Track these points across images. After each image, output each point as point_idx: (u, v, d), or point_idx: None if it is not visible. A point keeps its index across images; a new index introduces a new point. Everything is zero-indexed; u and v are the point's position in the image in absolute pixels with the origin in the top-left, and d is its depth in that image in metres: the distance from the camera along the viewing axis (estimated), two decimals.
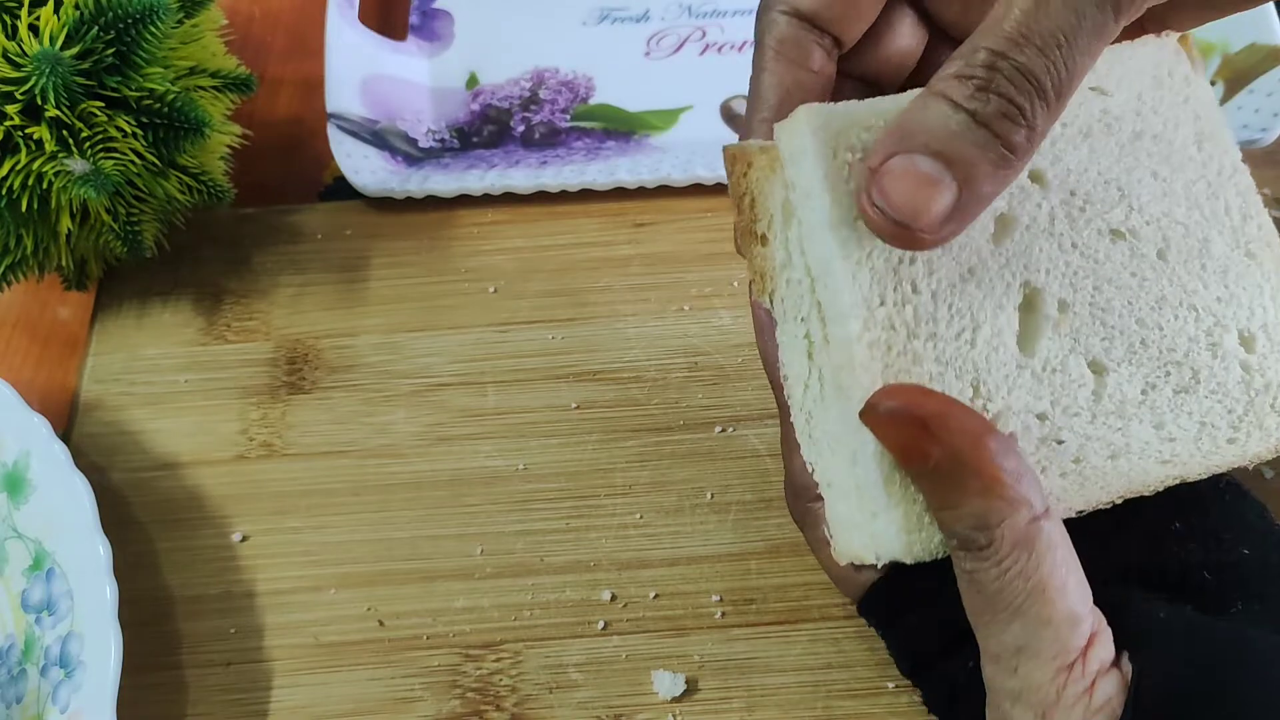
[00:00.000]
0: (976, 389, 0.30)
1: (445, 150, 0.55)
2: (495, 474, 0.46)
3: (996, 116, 0.26)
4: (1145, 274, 0.32)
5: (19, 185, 0.42)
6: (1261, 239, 0.34)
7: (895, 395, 0.28)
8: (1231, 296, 0.33)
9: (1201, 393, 0.32)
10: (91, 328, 0.51)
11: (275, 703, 0.41)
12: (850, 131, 0.29)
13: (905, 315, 0.30)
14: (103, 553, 0.40)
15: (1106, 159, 0.32)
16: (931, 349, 0.30)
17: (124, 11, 0.41)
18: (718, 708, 0.40)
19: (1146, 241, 0.32)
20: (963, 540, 0.28)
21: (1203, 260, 0.33)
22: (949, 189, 0.26)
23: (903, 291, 0.30)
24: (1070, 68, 0.26)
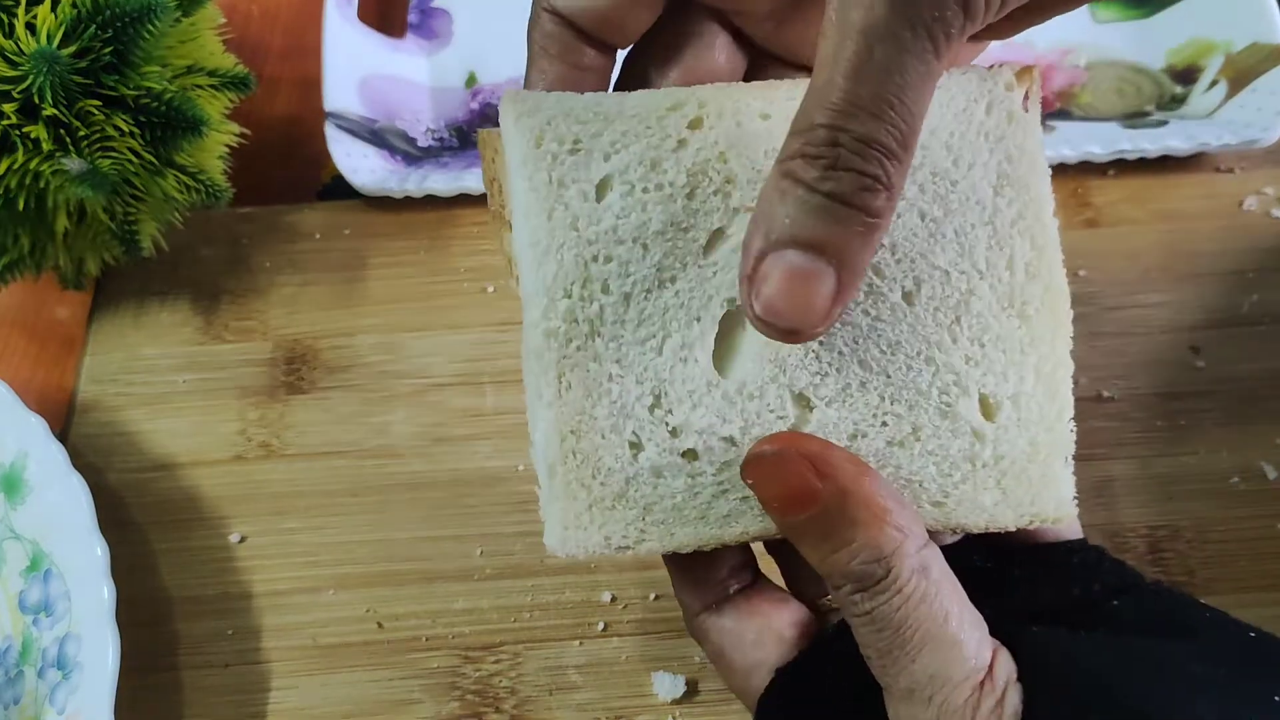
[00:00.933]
0: (658, 399, 0.30)
1: (444, 149, 0.55)
2: (494, 475, 0.46)
3: (854, 191, 0.26)
4: (882, 315, 0.30)
5: (16, 184, 0.42)
6: (1044, 300, 0.31)
7: (773, 441, 0.29)
8: (985, 358, 0.30)
9: (917, 450, 0.30)
10: (89, 327, 0.50)
11: (273, 704, 0.41)
12: (560, 122, 0.30)
13: (589, 311, 0.30)
14: (100, 554, 0.40)
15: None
16: (614, 349, 0.30)
17: (121, 10, 0.41)
18: (718, 709, 0.40)
19: (890, 281, 0.30)
20: (859, 578, 0.28)
21: (958, 313, 0.30)
22: (828, 276, 0.26)
23: (591, 289, 0.30)
24: (908, 120, 0.26)
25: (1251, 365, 0.47)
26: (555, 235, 0.30)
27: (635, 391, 0.30)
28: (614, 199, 0.30)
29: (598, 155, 0.30)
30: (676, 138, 0.30)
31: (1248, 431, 0.45)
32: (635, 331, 0.30)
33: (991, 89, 0.31)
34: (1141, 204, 0.51)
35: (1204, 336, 0.47)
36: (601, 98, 0.30)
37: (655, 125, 0.30)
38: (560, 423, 0.30)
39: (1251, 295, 0.48)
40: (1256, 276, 0.49)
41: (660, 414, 0.30)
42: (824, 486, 0.28)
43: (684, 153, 0.30)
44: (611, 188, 0.30)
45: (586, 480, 0.30)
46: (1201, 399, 0.46)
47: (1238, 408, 0.46)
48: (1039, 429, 0.30)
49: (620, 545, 0.30)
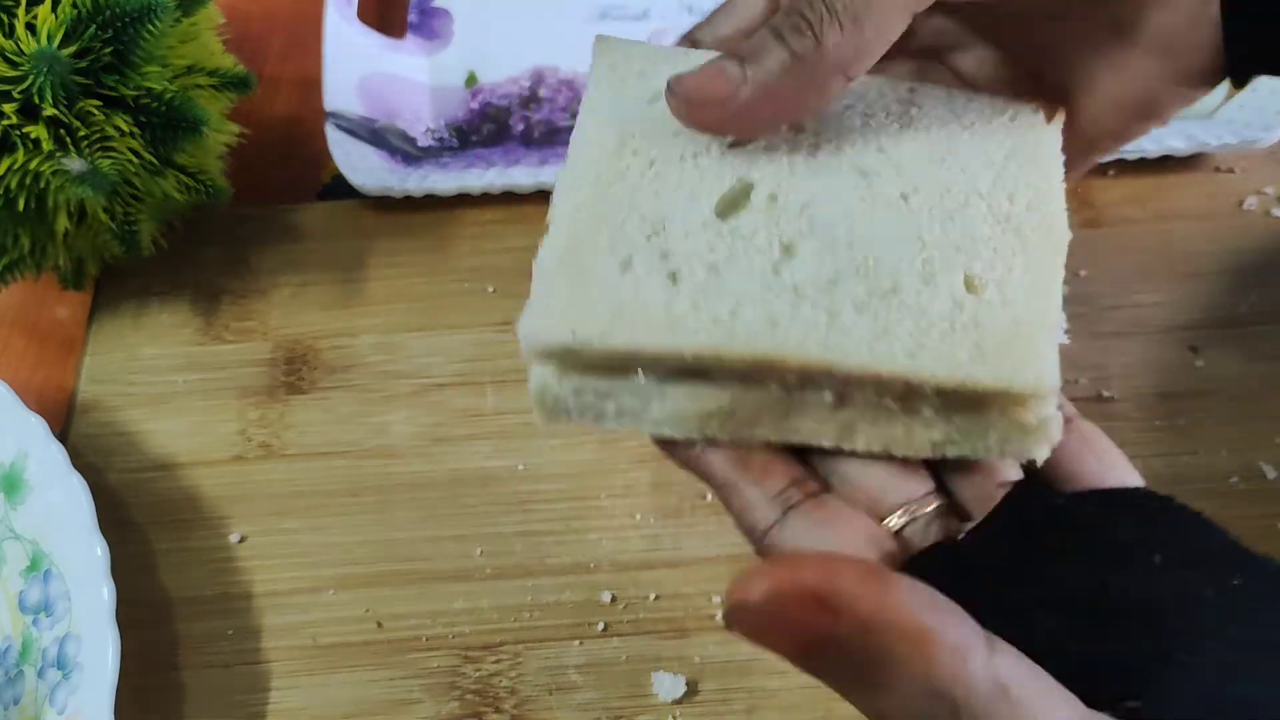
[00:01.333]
0: (656, 231, 0.33)
1: (444, 149, 0.55)
2: (494, 474, 0.46)
3: (789, 29, 0.31)
4: (876, 206, 0.33)
5: (16, 185, 0.42)
6: (1041, 224, 0.33)
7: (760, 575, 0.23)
8: (973, 248, 0.32)
9: (894, 303, 0.31)
10: (89, 327, 0.50)
11: (273, 705, 0.41)
12: (635, 57, 0.36)
13: (617, 165, 0.34)
14: (100, 554, 0.40)
15: (886, 133, 0.35)
16: (628, 195, 0.34)
17: (121, 10, 0.41)
18: (718, 710, 0.40)
19: (888, 183, 0.34)
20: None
21: (952, 215, 0.33)
22: (734, 78, 0.31)
23: (625, 150, 0.34)
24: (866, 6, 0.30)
25: (1251, 365, 0.47)
26: (612, 113, 0.35)
27: (638, 226, 0.33)
28: (661, 103, 0.34)
29: (658, 78, 0.34)
30: None
31: (1247, 431, 0.45)
32: (652, 184, 0.34)
33: (1019, 109, 0.36)
34: (1142, 204, 0.51)
35: (1203, 336, 0.47)
36: (674, 49, 0.37)
37: None
38: (566, 239, 0.33)
39: (1251, 295, 0.48)
40: (1256, 276, 0.49)
41: (656, 241, 0.33)
42: (840, 627, 0.21)
43: None
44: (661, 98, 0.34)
45: (572, 283, 0.32)
46: (1201, 398, 0.46)
47: (1237, 407, 0.46)
48: (1024, 309, 0.31)
49: (582, 336, 0.31)
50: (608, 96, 0.36)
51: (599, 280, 0.32)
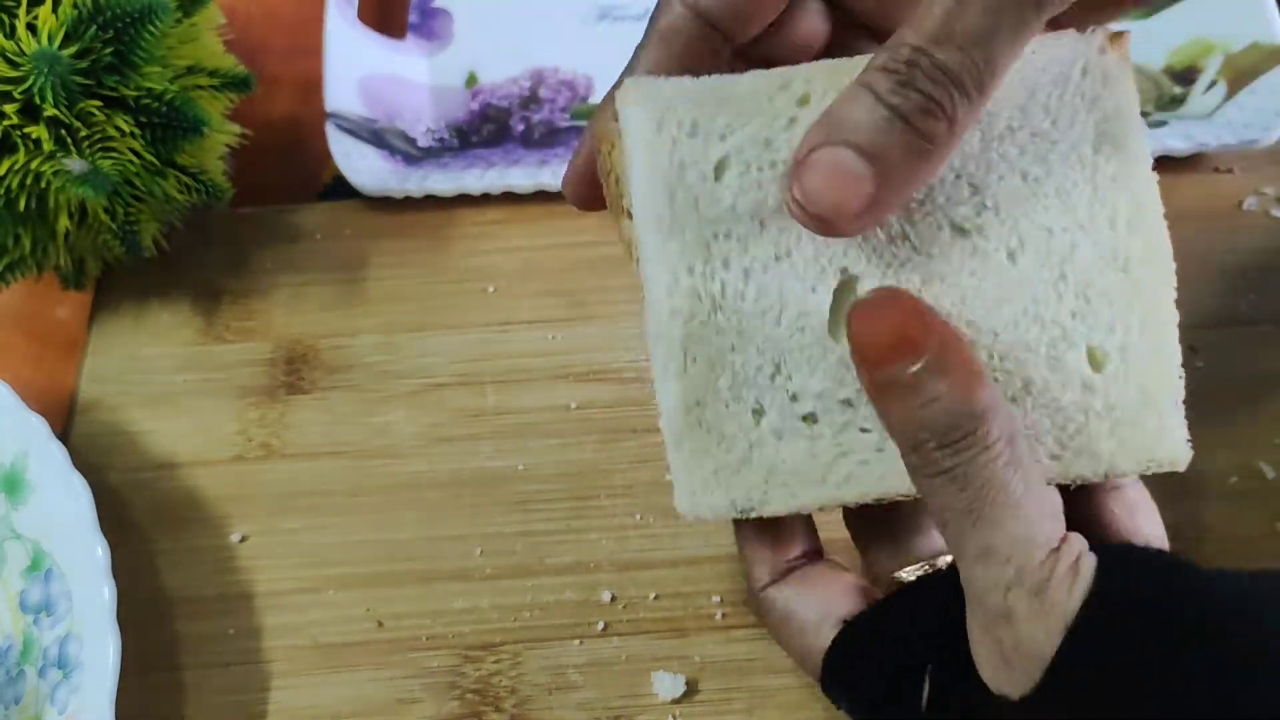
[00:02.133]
0: (778, 367, 0.31)
1: (444, 149, 0.55)
2: (495, 474, 0.46)
3: (916, 111, 0.27)
4: (987, 274, 0.31)
5: (17, 185, 0.42)
6: (1147, 257, 0.32)
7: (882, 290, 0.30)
8: (1090, 311, 0.31)
9: (1030, 405, 0.30)
10: (90, 327, 0.50)
11: (274, 704, 0.41)
12: (679, 106, 0.31)
13: (712, 288, 0.31)
14: (101, 553, 0.40)
15: (962, 154, 0.31)
16: (735, 322, 0.31)
17: (122, 10, 0.41)
18: (718, 709, 0.40)
19: (994, 240, 0.31)
20: (945, 430, 0.28)
21: (1063, 269, 0.31)
22: (867, 182, 0.27)
23: (713, 265, 0.31)
24: (989, 65, 0.27)
25: (1250, 365, 0.47)
26: (678, 215, 0.31)
27: (756, 361, 0.31)
28: (732, 178, 0.31)
29: (714, 137, 0.31)
30: (788, 116, 0.31)
31: (1246, 431, 0.45)
32: (755, 304, 0.31)
33: (1086, 52, 0.32)
34: None
35: (1203, 336, 0.47)
36: (715, 80, 0.31)
37: (767, 105, 0.31)
38: (686, 395, 0.31)
39: (1250, 295, 0.48)
40: (1256, 277, 0.49)
41: (780, 381, 0.31)
42: (931, 338, 0.28)
43: (795, 130, 0.31)
44: (729, 167, 0.31)
45: (711, 448, 0.31)
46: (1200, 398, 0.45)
47: (1236, 408, 0.46)
48: (1149, 377, 0.31)
49: (745, 507, 0.31)
50: (663, 178, 0.31)
51: (736, 439, 0.31)
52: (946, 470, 0.28)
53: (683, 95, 0.31)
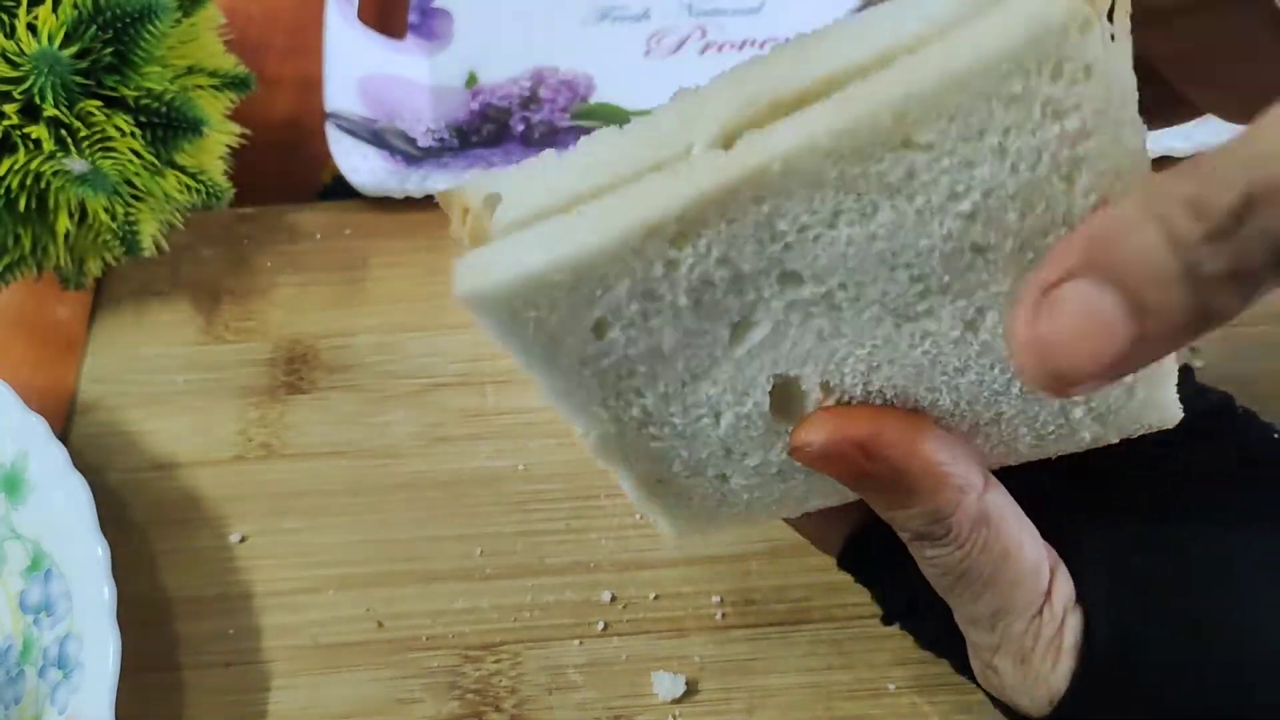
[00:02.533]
0: (730, 451, 0.29)
1: (444, 149, 0.55)
2: (495, 474, 0.46)
3: (1222, 281, 0.20)
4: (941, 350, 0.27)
5: (17, 185, 0.42)
6: None
7: (820, 427, 0.27)
8: None
9: (1003, 425, 0.29)
10: (89, 327, 0.50)
11: (274, 704, 0.41)
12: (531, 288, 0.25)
13: (632, 413, 0.28)
14: (101, 553, 0.40)
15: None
16: (670, 430, 0.29)
17: (122, 10, 0.41)
18: (718, 709, 0.40)
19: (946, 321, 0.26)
20: (919, 534, 0.29)
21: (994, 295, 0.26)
22: (1123, 338, 0.20)
23: (626, 398, 0.28)
24: None
25: (1250, 366, 0.47)
26: (569, 376, 0.27)
27: (705, 451, 0.29)
28: (616, 334, 0.26)
29: (581, 305, 0.26)
30: (663, 262, 0.25)
31: None
32: (685, 416, 0.28)
33: None
34: None
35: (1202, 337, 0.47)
36: (564, 242, 0.25)
37: (633, 259, 0.25)
38: (644, 481, 0.31)
39: None
40: None
41: (736, 457, 0.30)
42: (876, 468, 0.27)
43: (677, 274, 0.25)
44: (609, 326, 0.26)
45: (683, 508, 0.32)
46: None
47: None
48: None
49: (733, 525, 0.33)
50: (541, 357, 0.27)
51: (707, 497, 0.31)
52: (928, 559, 0.29)
53: (528, 273, 0.25)
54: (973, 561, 0.28)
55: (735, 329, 0.27)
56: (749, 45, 0.57)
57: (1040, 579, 0.29)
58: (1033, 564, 0.29)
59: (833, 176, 0.23)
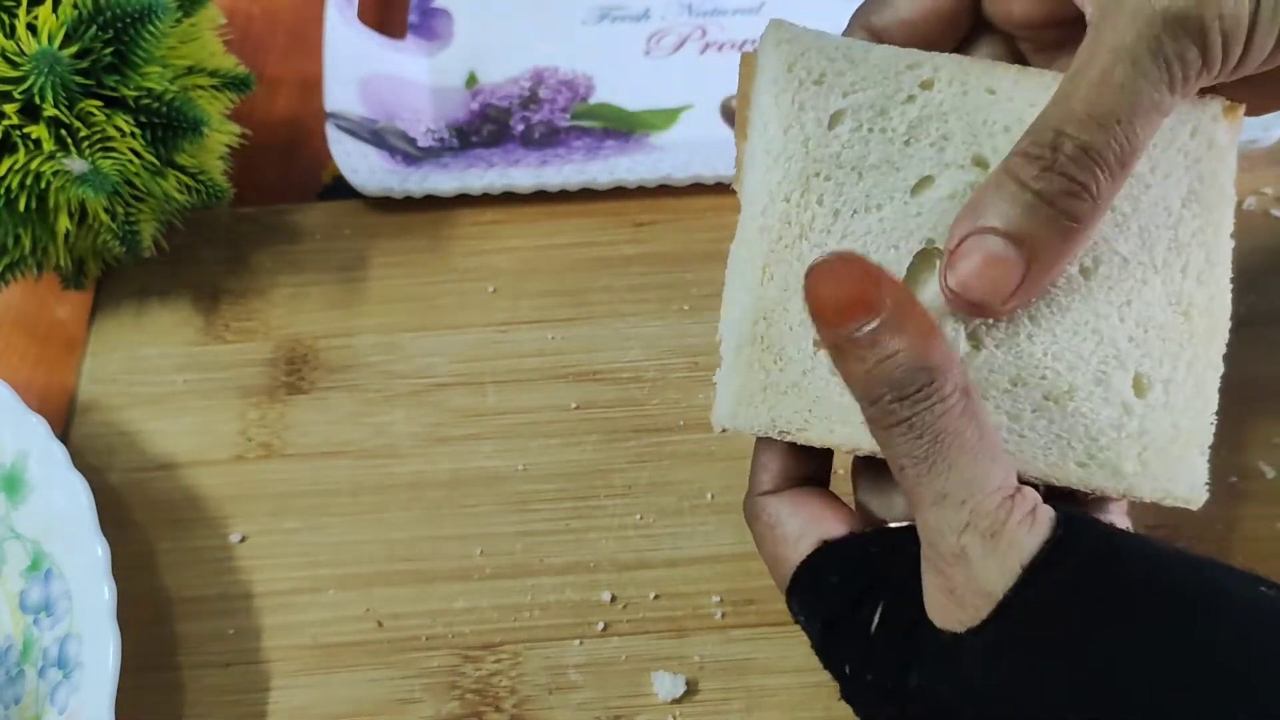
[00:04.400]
0: None
1: (444, 150, 0.55)
2: (495, 474, 0.46)
3: (1061, 194, 0.29)
4: (1058, 282, 0.32)
5: (17, 185, 0.42)
6: (1209, 309, 0.33)
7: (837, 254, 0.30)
8: (1145, 341, 0.33)
9: (1070, 409, 0.32)
10: (90, 327, 0.50)
11: (274, 704, 0.41)
12: (813, 55, 0.33)
13: (803, 218, 0.33)
14: (101, 553, 0.40)
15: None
16: (816, 254, 0.32)
17: (122, 10, 0.41)
18: (718, 709, 0.40)
19: None
20: (900, 384, 0.28)
21: (1129, 297, 0.33)
22: (1018, 266, 0.30)
23: (809, 199, 0.33)
24: (1131, 142, 0.29)
25: (1249, 365, 0.46)
26: (787, 148, 0.33)
27: None
28: (843, 130, 0.33)
29: (837, 91, 0.33)
30: (908, 93, 0.34)
31: (1246, 431, 0.45)
32: (839, 241, 0.33)
33: (1199, 116, 0.34)
34: None
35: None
36: (853, 43, 0.34)
37: (892, 78, 0.34)
38: (757, 307, 0.33)
39: (1250, 295, 0.48)
40: (1255, 277, 0.49)
41: None
42: (885, 298, 0.28)
43: (911, 106, 0.33)
44: (843, 121, 0.33)
45: (768, 364, 0.33)
46: None
47: (1236, 407, 0.45)
48: (1184, 415, 0.33)
49: (783, 429, 0.33)
50: (784, 114, 0.33)
51: (794, 361, 0.33)
52: (904, 419, 0.29)
53: (819, 46, 0.34)
54: (952, 421, 0.28)
55: (921, 181, 0.33)
56: (749, 45, 0.57)
57: (1011, 472, 0.29)
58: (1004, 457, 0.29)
59: None
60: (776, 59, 0.34)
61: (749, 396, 0.33)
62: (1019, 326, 0.32)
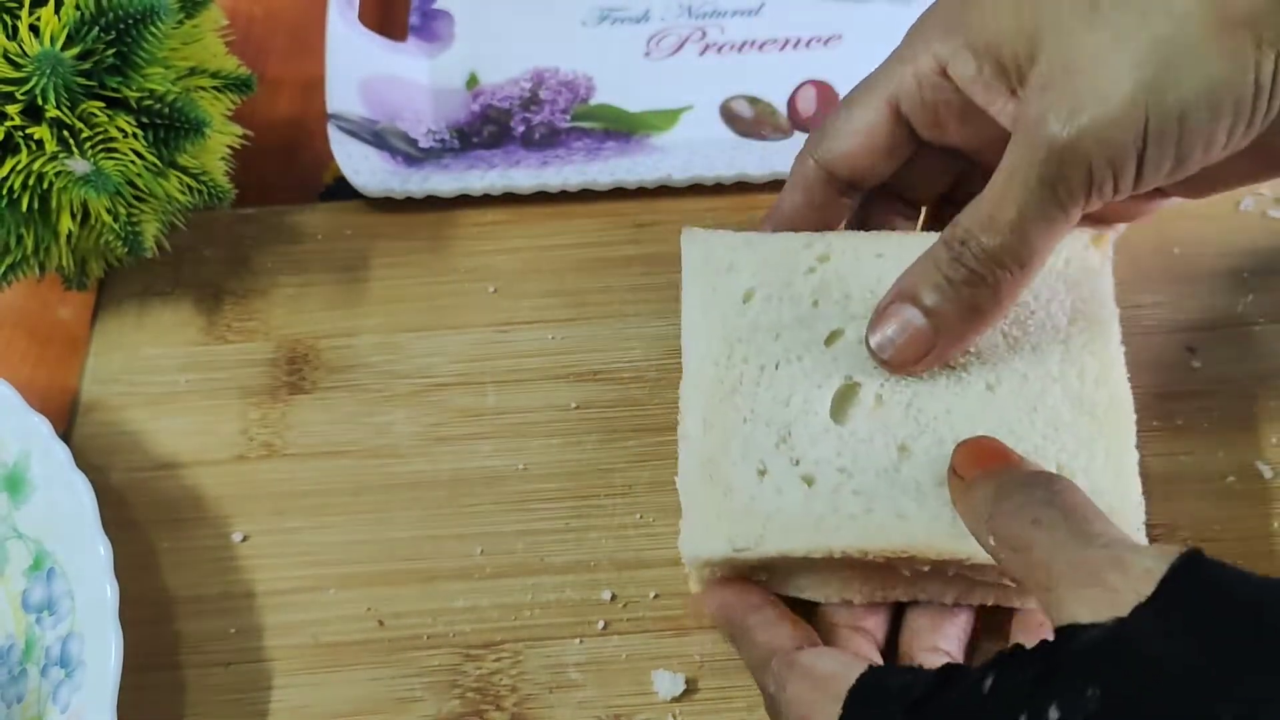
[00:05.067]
0: (783, 438, 0.38)
1: (445, 150, 0.55)
2: (495, 474, 0.46)
3: (965, 282, 0.35)
4: (968, 397, 0.38)
5: (19, 185, 0.42)
6: (1111, 406, 0.38)
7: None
8: (1059, 438, 0.37)
9: None
10: (92, 328, 0.51)
11: (275, 703, 0.42)
12: (719, 249, 0.41)
13: (731, 376, 0.39)
14: (103, 553, 0.40)
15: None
16: (749, 402, 0.38)
17: (124, 12, 0.41)
18: (718, 707, 0.41)
19: (975, 375, 0.38)
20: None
21: (1035, 404, 0.37)
22: (927, 336, 0.36)
23: (734, 360, 0.39)
24: (1027, 247, 0.35)
25: (1248, 365, 0.47)
26: (709, 324, 0.40)
27: (765, 432, 0.38)
28: (756, 302, 0.40)
29: (745, 274, 0.41)
30: (807, 267, 0.41)
31: (1244, 431, 0.45)
32: (767, 391, 0.39)
33: (1072, 245, 0.40)
34: None
35: (1200, 337, 0.48)
36: (753, 235, 0.42)
37: (792, 256, 0.41)
38: (701, 454, 0.38)
39: (1247, 296, 0.48)
40: (1253, 277, 0.49)
41: (785, 449, 0.38)
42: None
43: (812, 276, 0.41)
44: (754, 296, 0.40)
45: (718, 497, 0.37)
46: (1197, 399, 0.46)
47: (1234, 407, 0.46)
48: (1111, 498, 0.35)
49: (740, 547, 0.36)
50: (704, 296, 0.41)
51: (741, 490, 0.37)
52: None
53: (725, 243, 0.41)
54: None
55: (832, 333, 0.40)
56: (749, 47, 0.57)
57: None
58: None
59: None
60: (693, 256, 0.41)
61: (706, 528, 0.37)
62: (941, 432, 0.37)
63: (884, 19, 0.56)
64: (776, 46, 0.57)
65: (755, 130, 0.55)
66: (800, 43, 0.57)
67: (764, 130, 0.55)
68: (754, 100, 0.56)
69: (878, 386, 0.38)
